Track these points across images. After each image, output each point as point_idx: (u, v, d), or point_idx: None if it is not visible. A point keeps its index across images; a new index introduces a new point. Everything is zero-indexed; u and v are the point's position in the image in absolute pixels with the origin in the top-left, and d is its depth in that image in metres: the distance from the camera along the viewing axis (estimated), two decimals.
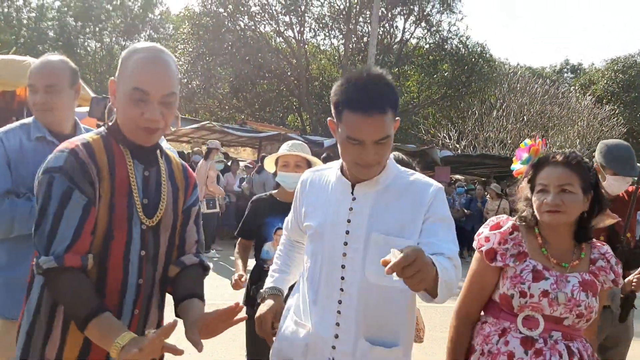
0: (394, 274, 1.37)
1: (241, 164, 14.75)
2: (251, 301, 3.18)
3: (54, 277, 1.56)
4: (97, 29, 37.68)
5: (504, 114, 23.79)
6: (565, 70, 43.43)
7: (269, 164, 3.45)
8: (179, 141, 19.31)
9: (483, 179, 18.71)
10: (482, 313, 2.13)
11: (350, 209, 1.85)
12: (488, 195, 13.29)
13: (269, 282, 2.10)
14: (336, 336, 1.82)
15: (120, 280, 1.67)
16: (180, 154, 15.04)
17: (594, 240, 2.12)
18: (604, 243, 2.14)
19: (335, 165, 2.00)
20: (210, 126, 14.63)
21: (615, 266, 2.06)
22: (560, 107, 25.29)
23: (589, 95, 27.84)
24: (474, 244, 2.13)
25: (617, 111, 26.92)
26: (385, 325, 1.84)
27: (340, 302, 1.82)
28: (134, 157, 1.73)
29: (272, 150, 15.69)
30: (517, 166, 2.15)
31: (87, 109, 11.48)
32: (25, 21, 36.75)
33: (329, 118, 1.88)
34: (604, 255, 2.07)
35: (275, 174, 3.37)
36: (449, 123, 25.01)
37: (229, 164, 13.76)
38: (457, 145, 23.51)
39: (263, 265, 3.19)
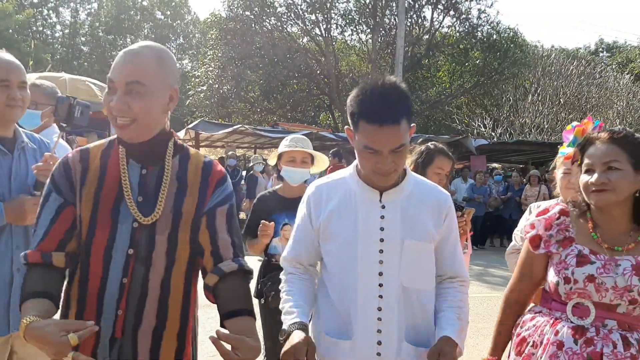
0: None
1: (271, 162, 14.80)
2: (260, 294, 3.25)
3: (26, 271, 1.72)
4: (129, 40, 38.45)
5: (539, 98, 23.32)
6: (600, 50, 42.24)
7: (272, 159, 3.51)
8: (213, 146, 19.56)
9: (521, 166, 18.38)
10: (538, 305, 2.08)
11: (382, 216, 1.89)
12: (527, 182, 13.04)
13: (289, 319, 1.87)
14: (379, 343, 1.85)
15: (100, 278, 1.68)
16: (220, 160, 15.27)
17: None
18: None
19: (344, 173, 2.02)
20: (242, 129, 14.77)
21: None
22: (597, 88, 24.64)
23: (627, 74, 27.03)
24: (521, 233, 2.13)
25: None
26: (422, 326, 1.92)
27: (380, 309, 1.85)
28: (130, 156, 1.75)
29: None
30: (566, 150, 2.09)
31: None
32: (59, 39, 37.79)
33: (346, 127, 1.93)
34: None
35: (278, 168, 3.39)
36: (483, 111, 24.63)
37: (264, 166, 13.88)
38: (493, 134, 23.14)
39: (271, 260, 3.24)
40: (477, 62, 25.23)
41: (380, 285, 1.86)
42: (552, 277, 1.96)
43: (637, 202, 1.91)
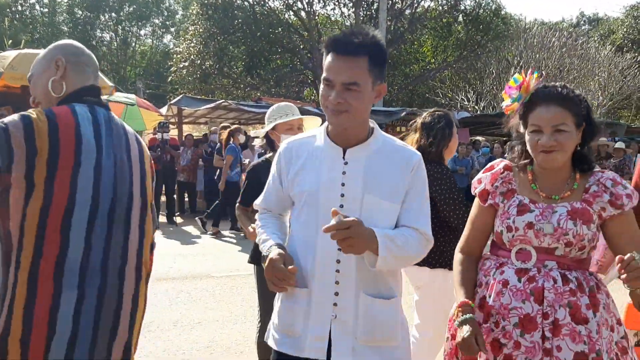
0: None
1: (257, 141, 14.81)
2: (255, 259, 3.34)
3: None
4: (110, 18, 37.87)
5: (522, 71, 23.35)
6: (582, 22, 42.34)
7: (264, 131, 3.55)
8: (197, 123, 19.46)
9: (504, 139, 18.52)
10: (490, 254, 2.18)
11: (344, 172, 1.92)
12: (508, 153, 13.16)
13: (266, 246, 1.99)
14: (336, 294, 1.90)
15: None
16: (204, 137, 15.18)
17: (598, 169, 2.07)
18: (605, 171, 2.08)
19: (316, 132, 2.06)
20: (226, 105, 14.69)
21: (613, 188, 1.98)
22: (579, 59, 24.77)
23: (608, 45, 27.18)
24: (472, 190, 2.19)
25: (638, 59, 26.23)
26: (381, 279, 1.94)
27: (338, 261, 1.90)
28: None
29: None
30: (507, 103, 2.09)
31: (105, 97, 11.71)
32: (39, 18, 37.07)
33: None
34: (599, 180, 2.01)
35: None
36: (467, 85, 24.71)
37: (247, 142, 13.87)
38: (476, 107, 23.25)
39: None
40: (460, 35, 25.23)
41: None
42: (497, 227, 2.08)
43: (575, 153, 2.03)
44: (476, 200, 2.19)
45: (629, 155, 14.52)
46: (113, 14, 37.55)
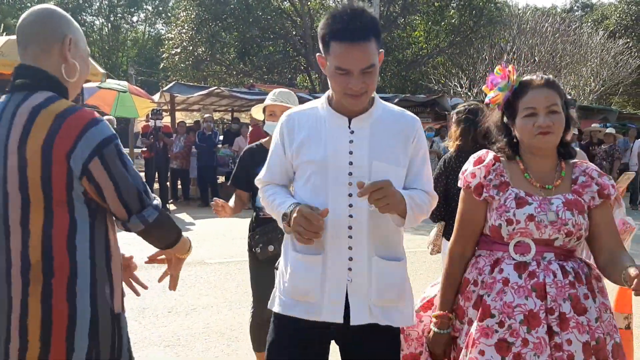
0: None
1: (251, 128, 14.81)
2: (250, 246, 3.36)
3: None
4: (102, 4, 37.49)
5: (515, 57, 23.39)
6: (576, 8, 42.32)
7: (257, 113, 3.56)
8: (189, 110, 19.40)
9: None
10: (480, 250, 2.16)
11: (351, 141, 1.98)
12: None
13: (284, 206, 1.99)
14: (350, 259, 1.96)
15: None
16: (196, 123, 15.13)
17: (578, 160, 2.14)
18: (586, 162, 2.15)
19: (317, 103, 2.10)
20: (218, 92, 14.66)
21: (599, 178, 2.06)
22: (572, 45, 24.78)
23: (601, 30, 27.18)
24: (459, 183, 2.15)
25: (630, 44, 26.28)
26: (390, 242, 2.05)
27: (350, 227, 1.96)
28: None
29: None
30: (493, 93, 2.10)
31: (96, 83, 11.58)
32: (28, 3, 36.62)
33: (317, 54, 2.00)
34: (585, 171, 2.08)
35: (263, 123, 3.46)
36: (460, 71, 24.67)
37: (240, 128, 13.84)
38: (469, 93, 23.24)
39: (259, 213, 3.33)
40: (453, 21, 25.15)
41: (350, 205, 1.95)
42: (493, 220, 2.04)
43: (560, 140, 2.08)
44: (466, 195, 2.14)
45: (622, 140, 14.60)
46: (105, 1, 37.18)
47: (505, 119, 2.12)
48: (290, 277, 2.04)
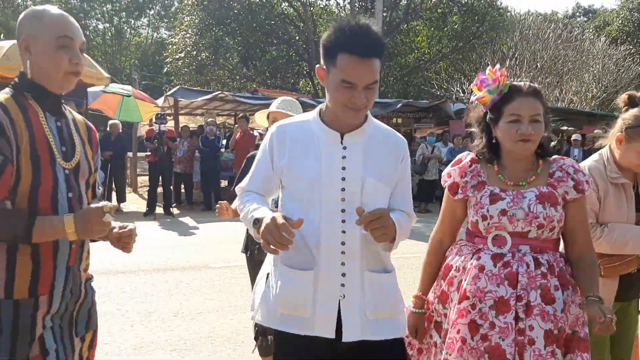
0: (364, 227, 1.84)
1: (255, 132, 14.86)
2: (247, 247, 3.43)
3: None
4: (106, 9, 37.63)
5: (517, 62, 23.44)
6: (578, 14, 42.40)
7: (261, 119, 3.60)
8: (193, 114, 19.45)
9: None
10: (462, 239, 2.33)
11: (344, 157, 2.00)
12: None
13: (258, 211, 1.94)
14: (343, 274, 1.98)
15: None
16: (199, 128, 15.19)
17: (557, 156, 2.24)
18: (565, 157, 2.25)
19: (308, 117, 2.11)
20: (222, 96, 14.70)
21: (575, 174, 2.16)
22: (574, 51, 24.82)
23: (603, 37, 27.23)
24: (442, 182, 2.31)
25: (632, 51, 26.31)
26: (381, 255, 2.07)
27: (343, 243, 1.98)
28: (45, 110, 1.92)
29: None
30: (481, 94, 2.17)
31: (101, 87, 11.65)
32: (31, 6, 36.76)
33: (317, 66, 2.00)
34: (562, 167, 2.19)
35: None
36: (462, 76, 24.72)
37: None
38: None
39: None
40: (456, 26, 25.20)
41: (343, 221, 1.97)
42: (472, 217, 2.20)
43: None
44: (446, 193, 2.31)
45: None
46: (109, 6, 37.32)
47: (487, 119, 2.22)
48: (280, 290, 2.02)
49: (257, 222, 1.89)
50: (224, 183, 13.54)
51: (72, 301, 1.97)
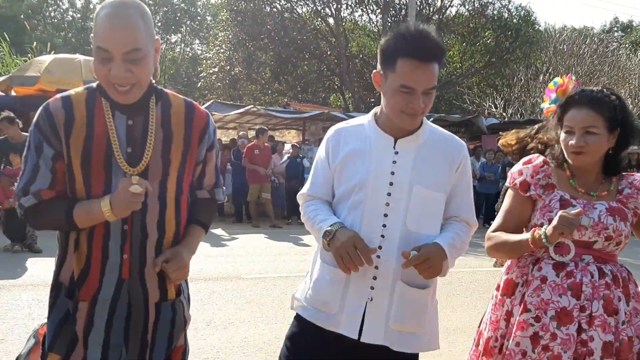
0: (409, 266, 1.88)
1: (286, 146, 14.99)
2: None
3: (35, 210, 1.78)
4: None
5: (551, 77, 23.17)
6: (615, 29, 41.74)
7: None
8: (225, 128, 19.70)
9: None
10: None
11: (394, 162, 1.99)
12: None
13: (328, 222, 1.98)
14: (374, 278, 1.98)
15: (103, 226, 1.77)
16: (232, 141, 15.41)
17: (626, 173, 2.20)
18: (635, 173, 2.20)
19: (363, 120, 2.11)
20: (254, 110, 14.88)
21: None
22: (610, 67, 24.43)
23: None
24: (507, 182, 2.25)
25: None
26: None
27: (380, 247, 1.97)
28: (115, 109, 1.79)
29: (315, 130, 15.84)
30: (546, 105, 2.23)
31: None
32: (72, 23, 37.89)
33: (374, 71, 2.01)
34: (632, 183, 2.15)
35: None
36: (494, 91, 24.53)
37: (275, 145, 14.00)
38: (504, 114, 23.07)
39: None
40: (488, 41, 25.06)
41: (384, 225, 1.97)
42: (536, 220, 2.14)
43: (607, 157, 2.14)
44: (513, 192, 2.23)
45: None
46: None
47: (559, 130, 2.19)
48: (314, 284, 2.08)
49: (327, 234, 1.95)
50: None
51: (135, 320, 1.84)
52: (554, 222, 1.94)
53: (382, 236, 1.97)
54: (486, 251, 2.30)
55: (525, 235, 2.08)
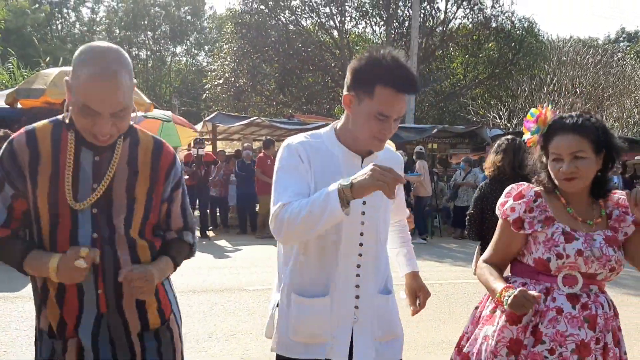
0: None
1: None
2: None
3: None
4: (147, 37, 38.79)
5: (555, 88, 23.17)
6: (621, 39, 41.76)
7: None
8: (230, 139, 19.77)
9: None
10: (520, 277, 2.20)
11: None
12: None
13: (329, 187, 1.75)
14: (357, 297, 2.02)
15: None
16: (236, 152, 15.47)
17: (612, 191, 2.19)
18: (617, 191, 2.17)
19: (321, 136, 2.04)
20: (259, 122, 14.92)
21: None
22: (614, 77, 24.42)
23: None
24: (498, 213, 2.22)
25: None
26: (386, 275, 2.15)
27: (359, 265, 2.01)
28: (82, 144, 1.76)
29: None
30: (527, 136, 2.19)
31: (142, 113, 11.93)
32: (77, 36, 38.22)
33: (344, 93, 1.96)
34: (618, 202, 2.14)
35: None
36: (499, 102, 24.54)
37: None
38: (508, 124, 23.06)
39: None
40: (492, 53, 25.12)
41: (361, 244, 2.00)
42: (540, 254, 2.09)
43: (595, 179, 2.11)
44: (504, 226, 2.19)
45: None
46: (149, 33, 38.50)
47: (543, 158, 2.18)
48: (296, 320, 2.01)
49: (344, 187, 1.69)
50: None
51: (121, 353, 1.84)
52: (513, 299, 1.91)
53: (360, 255, 2.00)
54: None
55: (498, 287, 2.06)
